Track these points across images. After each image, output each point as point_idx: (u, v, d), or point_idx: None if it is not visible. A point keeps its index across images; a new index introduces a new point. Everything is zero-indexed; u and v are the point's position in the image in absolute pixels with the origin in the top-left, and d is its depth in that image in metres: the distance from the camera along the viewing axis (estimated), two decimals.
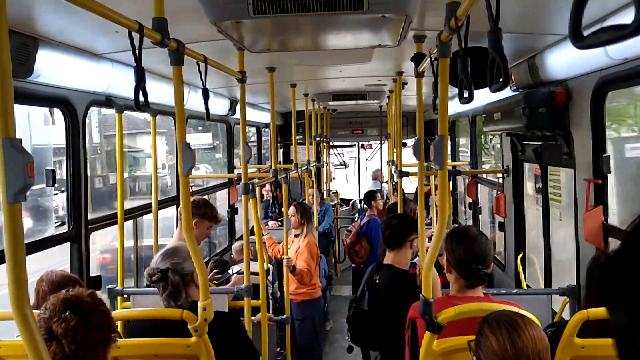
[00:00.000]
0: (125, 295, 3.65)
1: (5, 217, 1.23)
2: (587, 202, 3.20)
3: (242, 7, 2.32)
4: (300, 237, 5.57)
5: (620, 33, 0.75)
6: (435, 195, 7.05)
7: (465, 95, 2.01)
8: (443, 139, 2.25)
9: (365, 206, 7.66)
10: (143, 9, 2.24)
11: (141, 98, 2.08)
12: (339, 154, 13.74)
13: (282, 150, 11.01)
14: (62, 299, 1.84)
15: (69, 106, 3.42)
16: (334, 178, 15.38)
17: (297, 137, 6.52)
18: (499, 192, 5.33)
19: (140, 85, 2.02)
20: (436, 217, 6.51)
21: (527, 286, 4.52)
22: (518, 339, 1.83)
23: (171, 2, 2.21)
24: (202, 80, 2.91)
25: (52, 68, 2.98)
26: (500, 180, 5.40)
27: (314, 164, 8.26)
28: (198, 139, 15.37)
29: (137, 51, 1.99)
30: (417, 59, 3.34)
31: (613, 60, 2.74)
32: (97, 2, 1.71)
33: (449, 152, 7.07)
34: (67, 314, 1.80)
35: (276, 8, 2.33)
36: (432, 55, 2.92)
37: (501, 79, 1.50)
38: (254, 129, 9.23)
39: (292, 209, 5.60)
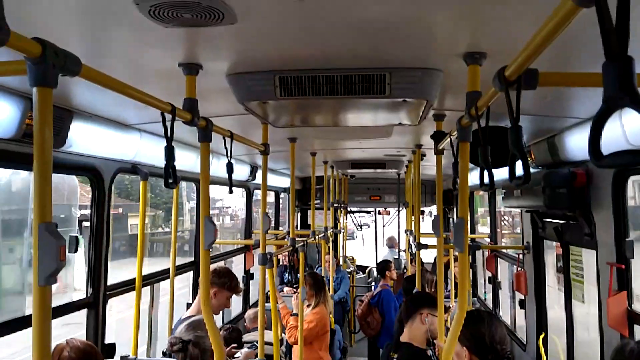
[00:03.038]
0: None
1: (35, 299, 1.26)
2: (610, 287, 3.14)
3: (270, 89, 2.42)
4: (310, 308, 5.48)
5: (636, 159, 0.78)
6: (455, 267, 6.97)
7: (486, 181, 2.03)
8: (463, 221, 2.27)
9: (379, 275, 7.58)
10: (174, 86, 2.36)
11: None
12: (354, 220, 13.71)
13: (299, 214, 11.05)
14: None
15: (97, 174, 3.52)
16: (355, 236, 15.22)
17: (315, 202, 6.56)
18: (519, 269, 5.24)
19: (170, 164, 2.09)
20: (455, 289, 6.40)
21: None
22: None
23: (201, 82, 2.32)
24: (227, 154, 2.99)
25: (83, 138, 3.09)
26: (521, 257, 5.33)
27: (331, 230, 8.25)
28: None
29: (169, 132, 2.06)
30: (437, 137, 3.39)
31: (633, 146, 2.76)
32: (133, 87, 1.81)
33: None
34: None
35: (302, 91, 2.42)
36: (452, 136, 2.97)
37: (522, 174, 1.53)
38: (272, 193, 9.32)
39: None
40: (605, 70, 0.83)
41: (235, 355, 4.39)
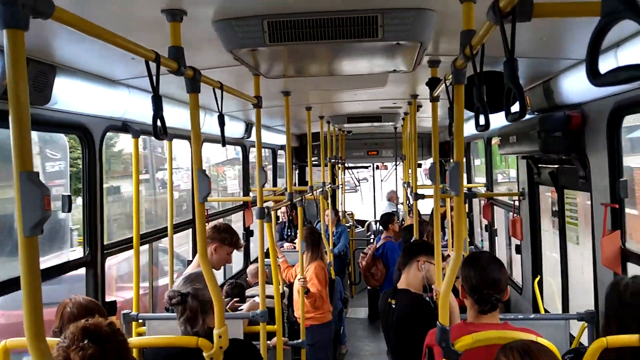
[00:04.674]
0: (140, 320, 3.65)
1: (21, 251, 1.23)
2: (604, 227, 3.15)
3: (259, 35, 2.35)
4: (306, 262, 5.53)
5: (636, 73, 0.74)
6: (451, 216, 7.02)
7: (482, 122, 2.00)
8: (459, 165, 2.24)
9: (381, 228, 7.62)
10: (160, 37, 2.29)
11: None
12: (352, 175, 13.73)
13: (297, 172, 11.04)
14: (81, 327, 1.86)
15: (86, 132, 3.47)
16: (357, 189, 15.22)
17: (312, 159, 6.54)
18: (515, 215, 5.27)
19: (157, 114, 2.05)
20: (452, 239, 6.46)
21: (545, 310, 4.45)
22: None
23: (187, 30, 2.25)
24: (217, 106, 2.94)
25: (69, 95, 3.02)
26: (517, 203, 5.35)
27: (329, 185, 8.25)
28: None
29: (155, 80, 2.01)
30: (432, 84, 3.34)
31: (629, 85, 2.72)
32: (115, 33, 1.74)
33: (464, 174, 7.05)
34: (85, 342, 1.81)
35: (292, 36, 2.35)
36: (447, 81, 2.92)
37: (517, 109, 1.49)
38: (269, 151, 9.29)
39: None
40: None
41: (239, 308, 4.45)
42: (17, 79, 1.22)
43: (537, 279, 4.50)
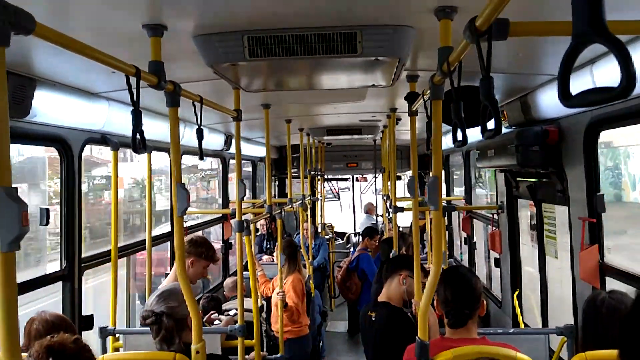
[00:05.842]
0: (117, 335, 3.60)
1: None
2: (582, 241, 3.20)
3: (239, 50, 2.36)
4: (284, 275, 5.51)
5: (606, 95, 0.77)
6: (431, 229, 7.06)
7: (459, 137, 2.03)
8: (437, 179, 2.26)
9: (360, 240, 7.63)
10: (140, 51, 2.28)
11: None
12: (332, 187, 13.76)
13: (276, 183, 11.02)
14: (45, 345, 1.83)
15: (65, 145, 3.43)
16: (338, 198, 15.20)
17: (292, 171, 6.55)
18: (493, 228, 5.32)
19: (137, 128, 2.04)
20: (431, 251, 6.49)
21: (525, 324, 4.49)
22: None
23: (167, 45, 2.25)
24: (197, 119, 2.93)
25: (48, 107, 2.99)
26: (495, 216, 5.41)
27: (309, 197, 8.25)
28: None
29: (135, 95, 2.00)
30: (411, 98, 3.38)
31: None
32: (96, 48, 1.74)
33: (443, 187, 7.11)
34: None
35: (272, 52, 2.37)
36: (425, 96, 2.96)
37: (493, 126, 1.52)
38: (248, 162, 9.27)
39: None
40: (574, 6, 0.81)
41: (215, 323, 4.41)
42: None
43: (516, 293, 4.54)
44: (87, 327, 3.61)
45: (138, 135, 2.09)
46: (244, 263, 4.04)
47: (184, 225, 3.89)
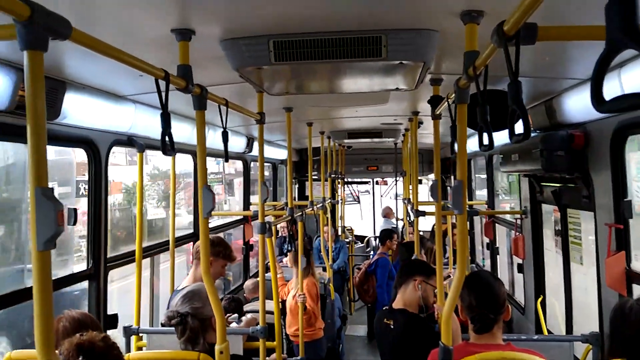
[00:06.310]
0: (140, 334, 3.64)
1: (34, 264, 1.25)
2: (608, 247, 3.16)
3: (264, 54, 2.38)
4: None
5: (639, 101, 0.77)
6: (452, 234, 7.01)
7: (485, 142, 2.02)
8: (462, 184, 2.25)
9: (380, 244, 7.63)
10: (167, 55, 2.33)
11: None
12: (353, 190, 13.76)
13: (297, 186, 11.06)
14: (75, 343, 1.86)
15: (93, 146, 3.50)
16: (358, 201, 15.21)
17: (312, 174, 6.57)
18: (517, 234, 5.27)
19: (166, 131, 2.07)
20: (453, 256, 6.45)
21: (548, 330, 4.43)
22: None
23: (194, 49, 2.29)
24: (222, 122, 2.96)
25: (77, 110, 3.06)
26: (519, 221, 5.35)
27: (329, 200, 8.26)
28: None
29: (164, 98, 2.04)
30: (434, 102, 3.36)
31: None
32: (127, 53, 1.78)
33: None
34: (80, 358, 1.82)
35: (297, 56, 2.39)
36: (449, 99, 2.95)
37: (522, 131, 1.52)
38: (269, 165, 9.31)
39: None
40: (608, 12, 0.81)
41: (230, 322, 4.43)
42: (35, 98, 1.25)
43: (539, 299, 4.49)
44: (111, 325, 3.67)
45: (167, 138, 2.12)
46: (265, 264, 4.07)
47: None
